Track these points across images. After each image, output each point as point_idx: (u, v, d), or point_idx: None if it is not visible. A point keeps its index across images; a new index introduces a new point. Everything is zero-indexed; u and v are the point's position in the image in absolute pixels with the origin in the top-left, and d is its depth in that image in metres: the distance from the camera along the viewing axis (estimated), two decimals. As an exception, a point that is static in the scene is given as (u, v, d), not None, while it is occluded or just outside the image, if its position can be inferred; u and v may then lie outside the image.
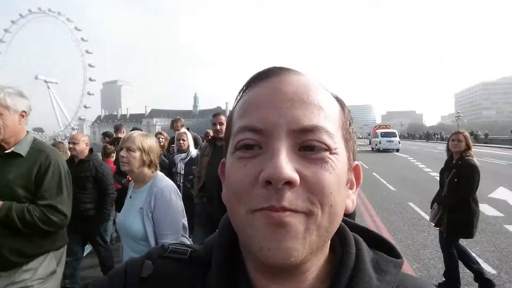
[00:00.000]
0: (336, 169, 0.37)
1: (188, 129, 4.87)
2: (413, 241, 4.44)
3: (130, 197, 1.91)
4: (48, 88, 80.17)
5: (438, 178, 3.67)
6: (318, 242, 0.37)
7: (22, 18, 75.75)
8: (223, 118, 3.28)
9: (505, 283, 3.45)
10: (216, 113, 3.42)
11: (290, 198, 0.34)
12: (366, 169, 13.43)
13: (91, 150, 3.42)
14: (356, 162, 0.44)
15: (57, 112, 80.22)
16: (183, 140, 4.18)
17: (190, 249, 0.48)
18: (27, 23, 76.77)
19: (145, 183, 1.85)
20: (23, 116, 1.70)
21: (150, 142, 1.86)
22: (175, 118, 5.45)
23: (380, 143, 26.20)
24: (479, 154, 19.66)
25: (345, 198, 0.40)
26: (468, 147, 3.22)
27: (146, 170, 1.84)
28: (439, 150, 24.15)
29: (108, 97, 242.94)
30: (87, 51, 74.83)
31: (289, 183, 0.34)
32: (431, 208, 3.57)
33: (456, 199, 3.19)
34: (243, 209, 0.36)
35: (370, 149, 29.62)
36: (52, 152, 1.79)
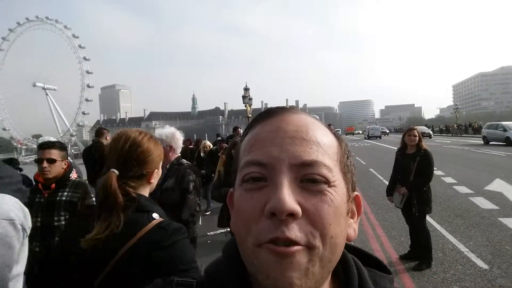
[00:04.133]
0: (334, 201, 0.39)
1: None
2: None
3: None
4: (47, 95, 79.81)
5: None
6: (321, 272, 0.38)
7: (20, 27, 75.62)
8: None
9: (496, 278, 3.47)
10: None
11: (294, 229, 0.36)
12: (363, 165, 13.45)
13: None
14: (356, 193, 0.46)
15: (56, 118, 79.98)
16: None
17: (195, 281, 0.50)
18: (24, 31, 76.68)
19: None
20: None
21: None
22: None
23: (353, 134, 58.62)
24: (477, 146, 19.79)
25: (346, 228, 0.42)
26: (420, 140, 4.02)
27: None
28: (437, 143, 24.29)
29: (107, 102, 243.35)
30: (84, 58, 74.34)
31: (292, 214, 0.36)
32: (390, 195, 4.28)
33: (425, 182, 3.92)
34: (250, 242, 0.38)
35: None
36: None
